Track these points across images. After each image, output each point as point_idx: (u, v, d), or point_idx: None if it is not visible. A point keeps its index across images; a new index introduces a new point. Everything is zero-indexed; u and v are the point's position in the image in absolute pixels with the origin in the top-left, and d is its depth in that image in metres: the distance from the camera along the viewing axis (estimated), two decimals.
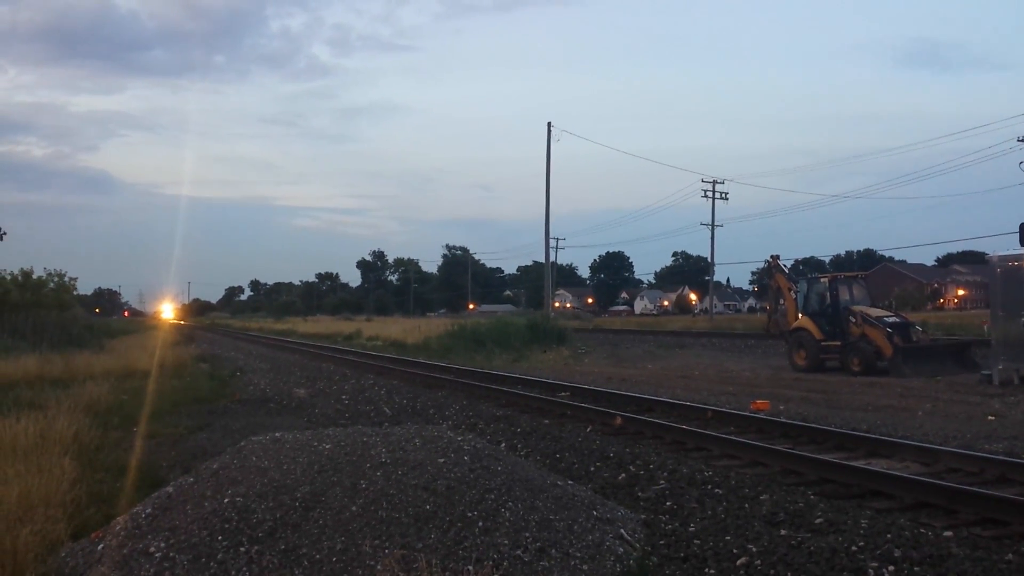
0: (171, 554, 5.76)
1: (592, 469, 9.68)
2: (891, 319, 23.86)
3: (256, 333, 71.34)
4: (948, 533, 6.62)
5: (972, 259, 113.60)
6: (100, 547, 6.18)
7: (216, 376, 23.25)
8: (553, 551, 5.91)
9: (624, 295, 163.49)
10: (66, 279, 41.14)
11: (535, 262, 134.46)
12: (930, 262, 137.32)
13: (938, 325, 38.84)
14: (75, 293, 44.74)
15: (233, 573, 5.51)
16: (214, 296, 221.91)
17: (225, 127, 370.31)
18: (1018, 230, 28.09)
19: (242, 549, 5.71)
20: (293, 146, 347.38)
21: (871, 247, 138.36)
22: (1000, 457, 9.39)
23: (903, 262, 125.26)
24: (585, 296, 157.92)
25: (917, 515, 7.24)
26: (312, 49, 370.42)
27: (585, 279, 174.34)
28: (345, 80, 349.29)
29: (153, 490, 7.24)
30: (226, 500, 6.27)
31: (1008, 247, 22.58)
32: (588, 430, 12.39)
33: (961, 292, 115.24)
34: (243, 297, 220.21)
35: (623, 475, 9.24)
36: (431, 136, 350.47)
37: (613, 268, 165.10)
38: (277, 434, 7.87)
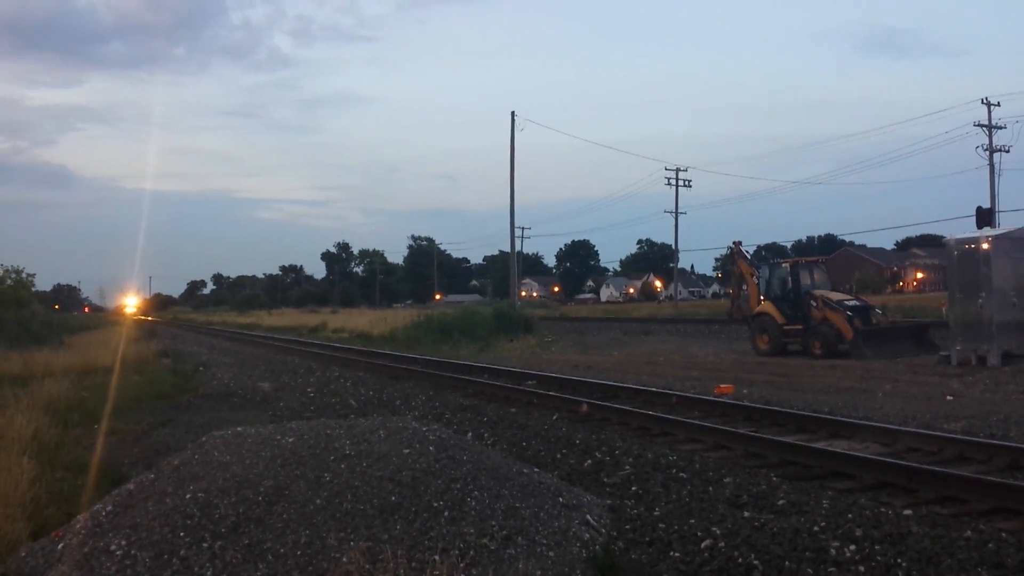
0: (133, 552, 5.68)
1: (558, 456, 9.71)
2: (851, 302, 24.17)
3: (220, 327, 70.58)
4: (908, 512, 6.73)
5: (930, 243, 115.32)
6: (60, 546, 6.08)
7: (179, 371, 22.95)
8: (519, 538, 5.92)
9: (590, 283, 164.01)
10: (24, 275, 40.33)
11: (501, 251, 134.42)
12: (889, 246, 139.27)
13: (898, 308, 39.44)
14: (33, 289, 43.80)
15: (196, 569, 5.45)
16: (176, 290, 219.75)
17: (186, 119, 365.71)
18: (974, 213, 28.68)
19: (205, 545, 5.65)
20: (255, 138, 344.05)
21: (831, 232, 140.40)
22: (958, 436, 9.58)
23: (863, 246, 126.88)
24: (551, 285, 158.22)
25: (877, 495, 7.35)
26: (274, 40, 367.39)
27: (551, 268, 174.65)
28: (307, 71, 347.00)
29: (114, 487, 7.13)
30: (188, 496, 6.19)
31: (965, 230, 22.98)
32: (554, 418, 12.42)
33: (920, 275, 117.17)
34: (206, 291, 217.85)
35: (589, 461, 9.28)
36: (395, 127, 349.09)
37: (579, 256, 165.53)
38: (239, 428, 7.79)
